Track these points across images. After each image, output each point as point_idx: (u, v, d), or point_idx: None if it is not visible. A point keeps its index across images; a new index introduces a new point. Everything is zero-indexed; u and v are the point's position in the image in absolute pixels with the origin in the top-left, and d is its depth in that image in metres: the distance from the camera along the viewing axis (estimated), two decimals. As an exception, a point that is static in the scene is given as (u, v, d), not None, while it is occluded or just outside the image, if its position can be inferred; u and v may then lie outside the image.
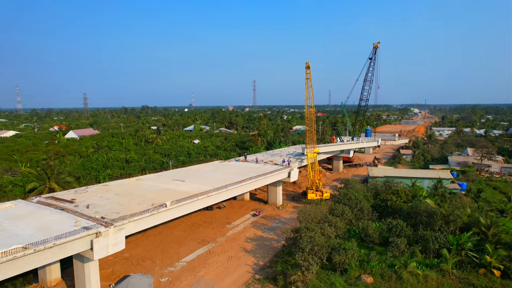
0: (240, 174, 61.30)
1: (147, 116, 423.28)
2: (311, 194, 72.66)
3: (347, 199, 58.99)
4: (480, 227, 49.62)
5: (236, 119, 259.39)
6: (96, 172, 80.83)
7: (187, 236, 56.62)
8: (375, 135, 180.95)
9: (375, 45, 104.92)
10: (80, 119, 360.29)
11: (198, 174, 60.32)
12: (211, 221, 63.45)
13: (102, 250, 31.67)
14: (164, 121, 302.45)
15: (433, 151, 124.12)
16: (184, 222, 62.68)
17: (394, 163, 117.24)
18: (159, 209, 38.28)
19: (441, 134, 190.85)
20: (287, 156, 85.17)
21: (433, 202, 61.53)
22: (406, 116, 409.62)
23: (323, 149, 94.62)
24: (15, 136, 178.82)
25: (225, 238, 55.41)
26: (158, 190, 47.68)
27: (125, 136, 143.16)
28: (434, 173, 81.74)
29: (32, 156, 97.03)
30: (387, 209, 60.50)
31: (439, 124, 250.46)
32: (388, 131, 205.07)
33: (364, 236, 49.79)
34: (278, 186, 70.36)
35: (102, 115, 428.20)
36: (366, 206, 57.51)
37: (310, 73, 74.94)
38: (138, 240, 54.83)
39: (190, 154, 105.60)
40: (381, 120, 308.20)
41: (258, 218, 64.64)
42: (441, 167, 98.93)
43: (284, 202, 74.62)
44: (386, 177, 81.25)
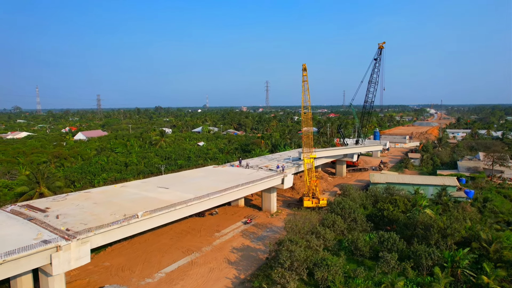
0: (229, 180, 59.41)
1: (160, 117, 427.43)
2: (307, 202, 70.06)
3: (340, 208, 56.17)
4: (481, 242, 46.12)
5: (245, 120, 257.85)
6: (92, 176, 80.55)
7: (173, 244, 55.11)
8: (385, 137, 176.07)
9: (380, 45, 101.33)
10: (94, 120, 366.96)
11: (186, 181, 58.77)
12: (200, 228, 61.79)
13: (63, 265, 30.34)
14: (174, 122, 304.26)
15: (443, 155, 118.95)
16: (173, 229, 61.27)
17: (401, 167, 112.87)
18: (130, 220, 36.78)
19: (454, 137, 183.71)
20: (284, 160, 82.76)
21: (433, 213, 58.08)
22: (421, 117, 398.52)
23: (324, 153, 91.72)
24: (26, 137, 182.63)
25: (211, 247, 53.62)
26: (139, 199, 46.32)
27: (130, 138, 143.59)
28: (439, 180, 77.66)
29: (33, 159, 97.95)
30: (383, 219, 57.39)
31: (454, 126, 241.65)
32: (399, 133, 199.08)
33: (354, 249, 47.01)
34: (272, 192, 68.10)
35: (116, 116, 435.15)
36: (360, 216, 54.55)
37: (306, 75, 72.51)
38: (122, 248, 53.70)
39: (190, 157, 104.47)
40: (394, 122, 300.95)
41: (249, 226, 62.56)
42: (449, 172, 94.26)
43: (280, 209, 72.29)
44: (387, 184, 77.78)
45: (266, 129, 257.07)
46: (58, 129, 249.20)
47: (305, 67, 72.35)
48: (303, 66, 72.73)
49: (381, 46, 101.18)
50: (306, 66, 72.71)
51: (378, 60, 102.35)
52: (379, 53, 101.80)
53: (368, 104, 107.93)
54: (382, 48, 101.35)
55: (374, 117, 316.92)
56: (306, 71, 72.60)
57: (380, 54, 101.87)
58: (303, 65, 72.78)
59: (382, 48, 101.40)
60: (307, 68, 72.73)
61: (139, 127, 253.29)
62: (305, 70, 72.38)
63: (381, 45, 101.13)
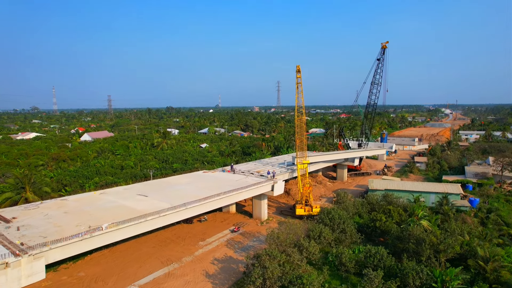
0: (215, 187, 57.32)
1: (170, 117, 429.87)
2: (299, 209, 67.22)
3: (329, 219, 53.17)
4: (478, 259, 42.44)
5: (252, 121, 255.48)
6: (84, 179, 79.80)
7: (154, 253, 53.29)
8: (393, 139, 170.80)
9: (383, 45, 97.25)
10: (105, 120, 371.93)
11: (169, 188, 56.93)
12: (186, 236, 59.80)
13: (11, 283, 28.72)
14: (183, 123, 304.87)
15: (451, 159, 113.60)
16: (158, 237, 59.48)
17: (406, 172, 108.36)
18: (94, 233, 35.00)
19: (467, 139, 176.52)
20: (280, 165, 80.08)
21: (431, 224, 54.43)
22: (435, 118, 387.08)
23: (320, 158, 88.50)
24: (35, 138, 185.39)
25: (192, 257, 51.52)
26: (113, 208, 44.64)
27: (132, 140, 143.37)
28: (442, 187, 73.43)
29: (31, 161, 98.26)
30: (375, 230, 54.08)
31: (468, 127, 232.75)
32: (408, 135, 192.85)
33: (338, 264, 44.05)
34: (263, 199, 65.56)
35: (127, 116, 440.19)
36: (349, 227, 51.42)
37: (300, 77, 69.76)
38: (102, 257, 52.14)
39: (187, 160, 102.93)
40: (405, 123, 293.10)
41: (236, 234, 60.21)
42: (455, 178, 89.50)
43: (271, 217, 69.68)
44: (386, 191, 74.09)
45: (273, 130, 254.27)
46: (69, 129, 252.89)
47: (299, 69, 69.61)
48: (297, 67, 69.99)
49: (384, 46, 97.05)
50: (300, 67, 70.02)
51: (381, 61, 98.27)
52: (382, 53, 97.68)
53: (371, 106, 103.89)
54: (385, 48, 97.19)
55: (385, 118, 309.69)
56: (300, 73, 69.90)
57: (383, 54, 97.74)
58: (297, 67, 70.05)
59: (385, 48, 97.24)
60: (301, 70, 70.04)
61: (147, 127, 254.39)
62: (299, 72, 69.66)
63: (384, 44, 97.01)
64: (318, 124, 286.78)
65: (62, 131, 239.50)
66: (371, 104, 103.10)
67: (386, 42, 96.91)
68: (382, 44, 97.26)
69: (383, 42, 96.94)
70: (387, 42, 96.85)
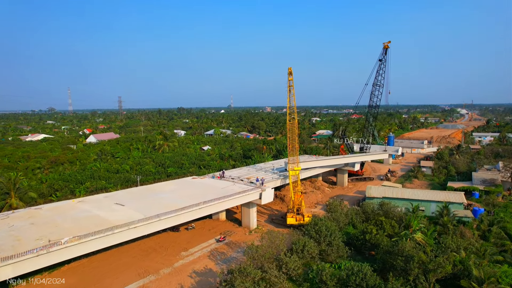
0: (198, 195, 55.21)
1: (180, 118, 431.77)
2: (290, 218, 64.38)
3: (315, 231, 50.22)
4: (472, 280, 38.78)
5: (258, 123, 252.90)
6: (75, 184, 79.05)
7: (134, 263, 51.46)
8: (401, 142, 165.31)
9: (385, 45, 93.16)
10: (116, 121, 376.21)
11: (151, 196, 55.12)
12: (169, 246, 57.83)
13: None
14: (191, 124, 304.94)
15: (460, 163, 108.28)
16: (140, 246, 57.71)
17: (410, 177, 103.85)
18: (51, 248, 33.27)
19: (480, 141, 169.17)
20: (273, 171, 77.40)
21: (426, 238, 50.80)
22: (449, 119, 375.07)
23: (319, 163, 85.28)
24: (42, 139, 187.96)
25: (170, 269, 49.47)
26: (84, 218, 43.00)
27: (134, 142, 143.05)
28: (443, 195, 69.23)
29: (29, 164, 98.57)
30: (365, 244, 50.82)
31: (483, 129, 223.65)
32: (418, 137, 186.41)
33: (318, 281, 41.14)
34: (252, 207, 63.04)
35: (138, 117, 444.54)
36: (336, 240, 48.34)
37: (292, 79, 66.98)
38: (79, 267, 50.66)
39: (183, 164, 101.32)
40: (417, 124, 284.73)
41: (221, 244, 57.91)
42: (461, 185, 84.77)
43: (262, 225, 67.09)
44: (384, 199, 70.43)
45: (280, 131, 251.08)
46: (78, 130, 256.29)
47: (291, 71, 66.87)
48: (288, 69, 67.27)
49: (386, 46, 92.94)
50: (292, 70, 67.25)
51: (383, 61, 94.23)
52: (384, 53, 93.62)
53: (373, 109, 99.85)
54: (387, 48, 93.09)
55: (396, 119, 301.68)
56: (292, 75, 67.11)
57: (385, 55, 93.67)
58: (288, 69, 67.33)
59: (387, 48, 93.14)
60: (293, 72, 67.25)
61: (155, 129, 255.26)
62: (291, 74, 66.91)
63: (386, 44, 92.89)
64: (327, 125, 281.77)
65: (71, 132, 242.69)
66: (373, 106, 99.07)
67: (388, 42, 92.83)
68: (384, 44, 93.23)
69: (385, 42, 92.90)
70: (389, 42, 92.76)
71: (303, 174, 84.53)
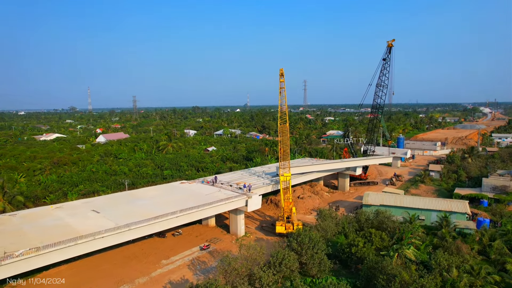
0: (180, 202, 53.66)
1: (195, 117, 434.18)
2: (278, 227, 61.79)
3: (296, 242, 47.52)
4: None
5: (269, 122, 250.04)
6: (69, 187, 79.16)
7: (112, 271, 50.29)
8: (412, 143, 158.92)
9: (389, 43, 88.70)
10: (131, 120, 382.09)
11: (131, 202, 53.93)
12: (151, 253, 56.48)
13: None
14: (203, 124, 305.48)
15: (472, 167, 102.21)
16: (123, 252, 56.59)
17: (417, 182, 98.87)
18: (4, 261, 32.22)
19: (499, 143, 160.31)
20: (265, 176, 74.96)
21: (418, 253, 47.31)
22: (469, 118, 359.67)
23: (318, 167, 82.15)
24: (55, 139, 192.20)
25: (147, 279, 48.01)
26: (52, 227, 42.06)
27: (138, 143, 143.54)
28: (445, 204, 64.81)
29: (31, 165, 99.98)
30: (351, 257, 47.72)
31: (504, 129, 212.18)
32: (433, 138, 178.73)
33: (292, 300, 38.59)
34: (239, 214, 60.91)
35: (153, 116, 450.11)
36: (318, 254, 45.47)
37: (284, 81, 64.27)
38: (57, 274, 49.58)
39: (181, 166, 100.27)
40: (434, 123, 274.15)
41: (204, 253, 56.08)
42: (469, 191, 79.60)
43: (250, 232, 64.83)
44: (381, 207, 66.71)
45: (291, 132, 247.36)
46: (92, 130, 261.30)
47: (282, 73, 64.13)
48: (280, 71, 64.57)
49: (390, 44, 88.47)
50: (284, 71, 64.50)
51: (387, 60, 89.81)
52: (388, 52, 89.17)
53: (376, 110, 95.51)
54: (391, 46, 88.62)
55: (412, 119, 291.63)
56: (284, 77, 64.38)
57: (390, 54, 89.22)
58: (280, 70, 64.63)
59: (391, 47, 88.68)
60: (284, 74, 64.52)
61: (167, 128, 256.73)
62: (282, 75, 64.21)
63: (390, 43, 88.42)
64: (340, 125, 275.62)
65: (85, 132, 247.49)
66: (377, 108, 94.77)
67: (392, 40, 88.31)
68: (388, 42, 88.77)
69: (389, 40, 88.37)
70: (393, 40, 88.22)
71: (301, 179, 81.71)
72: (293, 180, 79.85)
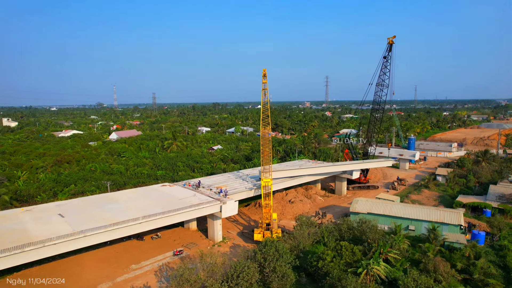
0: (150, 207, 52.94)
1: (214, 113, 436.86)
2: (256, 235, 59.77)
3: (261, 253, 45.39)
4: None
5: (282, 120, 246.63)
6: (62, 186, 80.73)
7: (79, 275, 50.12)
8: (427, 144, 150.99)
9: (390, 40, 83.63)
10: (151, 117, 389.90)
11: (102, 206, 53.78)
12: (124, 256, 56.15)
13: None
14: (218, 121, 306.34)
15: (484, 172, 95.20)
16: (98, 254, 56.60)
17: (422, 186, 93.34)
18: None
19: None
20: (250, 179, 72.98)
21: (392, 270, 43.94)
22: (500, 116, 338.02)
23: (308, 171, 79.12)
24: (71, 136, 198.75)
25: (110, 284, 47.54)
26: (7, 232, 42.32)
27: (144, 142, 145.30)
28: (437, 214, 60.19)
29: (34, 163, 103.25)
30: (318, 271, 45.04)
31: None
32: (451, 139, 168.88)
33: (241, 317, 36.70)
34: (216, 219, 59.48)
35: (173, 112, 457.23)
36: (280, 267, 43.14)
37: (266, 82, 61.95)
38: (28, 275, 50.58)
39: (177, 166, 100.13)
40: (458, 122, 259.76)
41: (176, 259, 55.12)
42: (472, 199, 73.88)
43: (230, 238, 63.21)
44: (369, 214, 63.11)
45: (305, 129, 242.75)
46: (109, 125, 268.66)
47: (265, 73, 61.87)
48: (263, 71, 62.29)
49: (391, 41, 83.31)
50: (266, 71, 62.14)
51: (388, 58, 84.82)
52: (389, 49, 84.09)
53: (376, 112, 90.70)
54: (392, 43, 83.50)
55: (434, 117, 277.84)
56: (266, 78, 62.05)
57: (390, 51, 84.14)
58: (263, 71, 62.33)
59: (392, 44, 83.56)
60: (267, 74, 62.20)
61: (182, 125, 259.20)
62: (265, 76, 61.92)
63: (391, 40, 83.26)
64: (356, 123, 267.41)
65: (103, 128, 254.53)
66: (377, 109, 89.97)
67: (393, 37, 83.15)
68: (388, 39, 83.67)
69: (390, 37, 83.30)
70: (394, 37, 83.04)
71: (292, 182, 79.12)
72: (283, 184, 77.45)
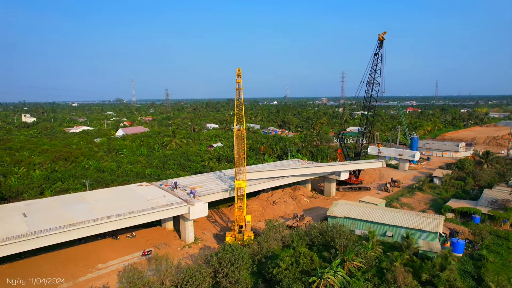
0: (119, 207, 53.15)
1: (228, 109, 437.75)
2: (228, 237, 58.85)
3: (216, 258, 44.54)
4: None
5: (289, 118, 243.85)
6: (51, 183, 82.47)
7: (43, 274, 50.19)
8: (433, 143, 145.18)
9: (381, 37, 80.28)
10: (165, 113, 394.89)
11: (70, 206, 54.25)
12: (94, 255, 56.58)
13: None
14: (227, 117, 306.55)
15: (484, 175, 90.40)
16: (65, 253, 56.80)
17: (415, 189, 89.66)
18: None
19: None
20: (227, 180, 72.08)
21: (346, 280, 42.10)
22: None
23: (289, 172, 77.43)
24: (80, 132, 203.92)
25: (70, 284, 47.89)
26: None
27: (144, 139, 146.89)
28: (416, 220, 57.35)
29: (31, 160, 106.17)
30: (272, 278, 43.75)
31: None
32: (462, 138, 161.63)
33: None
34: (187, 221, 59.04)
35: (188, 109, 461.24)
36: (233, 274, 42.16)
37: (241, 81, 60.74)
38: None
39: (169, 164, 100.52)
40: (474, 120, 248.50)
41: (143, 259, 55.11)
42: (462, 204, 70.15)
43: (204, 239, 62.69)
44: (346, 219, 61.03)
45: (312, 127, 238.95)
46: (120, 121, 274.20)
47: (239, 73, 60.62)
48: (237, 71, 61.07)
49: (381, 38, 79.90)
50: (241, 71, 60.86)
51: (378, 55, 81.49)
52: (380, 46, 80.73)
53: (367, 110, 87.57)
54: (382, 40, 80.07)
55: (449, 115, 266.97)
56: (241, 77, 60.81)
57: (381, 48, 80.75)
58: (237, 70, 61.11)
59: (382, 40, 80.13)
60: (241, 74, 60.93)
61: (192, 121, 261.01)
62: (239, 76, 60.69)
63: (381, 36, 79.83)
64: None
65: (114, 124, 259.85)
66: (368, 107, 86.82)
67: (384, 33, 79.70)
68: (379, 35, 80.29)
69: (380, 33, 79.87)
70: (385, 33, 79.59)
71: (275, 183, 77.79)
72: (262, 185, 76.30)
